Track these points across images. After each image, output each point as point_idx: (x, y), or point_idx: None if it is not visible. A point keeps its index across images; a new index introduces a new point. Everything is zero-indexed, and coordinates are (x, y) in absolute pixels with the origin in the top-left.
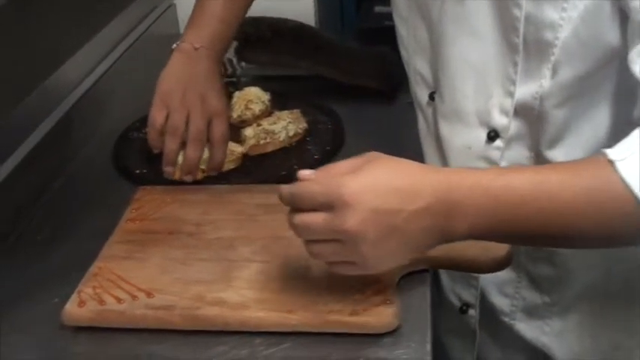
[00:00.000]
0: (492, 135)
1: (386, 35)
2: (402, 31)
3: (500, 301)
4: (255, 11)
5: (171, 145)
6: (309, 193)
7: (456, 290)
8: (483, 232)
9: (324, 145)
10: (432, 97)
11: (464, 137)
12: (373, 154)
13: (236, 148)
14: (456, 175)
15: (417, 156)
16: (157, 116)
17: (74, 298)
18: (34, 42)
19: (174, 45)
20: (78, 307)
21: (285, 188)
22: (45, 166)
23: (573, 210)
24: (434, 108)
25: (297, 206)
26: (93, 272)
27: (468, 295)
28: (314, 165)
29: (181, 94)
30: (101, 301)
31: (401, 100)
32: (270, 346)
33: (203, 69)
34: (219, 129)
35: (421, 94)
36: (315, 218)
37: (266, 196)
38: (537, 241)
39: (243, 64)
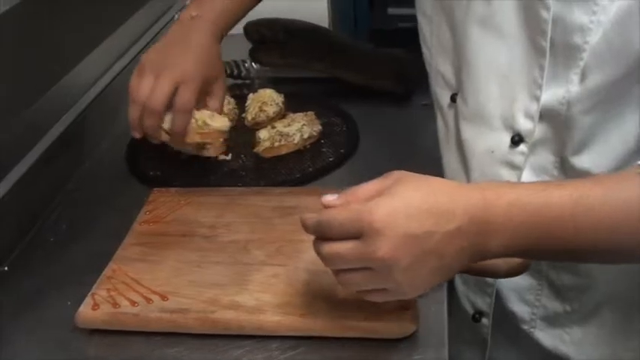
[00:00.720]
0: (516, 139)
1: (399, 37)
2: (426, 30)
3: (519, 309)
4: (268, 13)
5: (132, 112)
6: (337, 222)
7: (470, 297)
8: (519, 250)
9: (339, 148)
10: (453, 98)
11: (487, 141)
12: (399, 173)
13: (217, 137)
14: (491, 192)
15: (433, 159)
16: (132, 86)
17: (88, 300)
18: (46, 43)
19: (176, 15)
20: (92, 310)
21: (310, 218)
22: (58, 168)
23: (610, 225)
24: (455, 110)
25: (324, 235)
26: (107, 275)
27: (482, 303)
28: (329, 168)
29: (159, 62)
30: (115, 304)
31: (415, 102)
32: (286, 351)
33: (193, 37)
34: (180, 97)
35: (442, 95)
36: (346, 247)
37: (281, 199)
38: (573, 257)
39: (257, 66)
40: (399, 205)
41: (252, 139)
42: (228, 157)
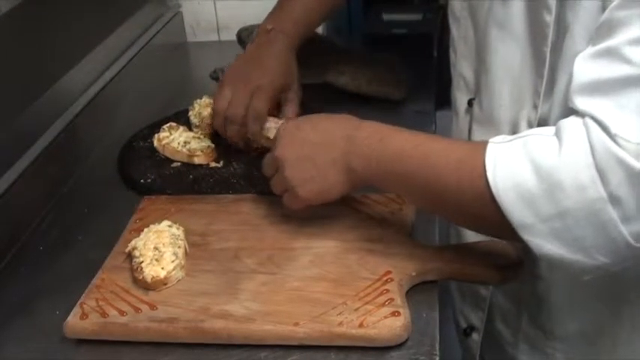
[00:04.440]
0: None
1: (393, 43)
2: (454, 32)
3: (504, 329)
4: (262, 18)
5: (216, 122)
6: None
7: (464, 311)
8: (375, 174)
9: None
10: (470, 103)
11: None
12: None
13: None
14: (365, 123)
15: None
16: (214, 99)
17: (76, 310)
18: (40, 49)
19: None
20: (80, 320)
21: None
22: (50, 175)
23: (440, 175)
24: (471, 115)
25: (270, 174)
26: (96, 284)
27: (475, 318)
28: None
29: (237, 76)
30: (104, 314)
31: (409, 109)
32: (276, 359)
33: (267, 49)
34: (252, 105)
35: (461, 99)
36: (267, 157)
37: (271, 207)
38: (411, 195)
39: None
40: (300, 121)
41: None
42: (220, 165)
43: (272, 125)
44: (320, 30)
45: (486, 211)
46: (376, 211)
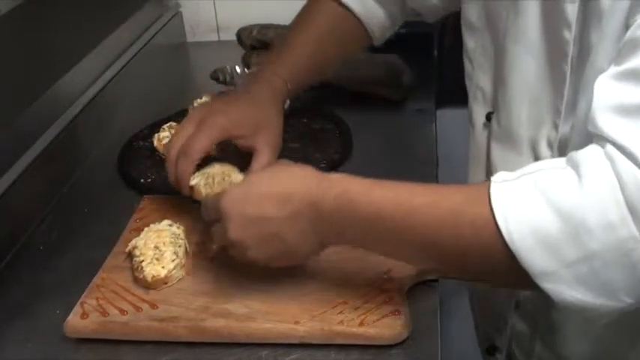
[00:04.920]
0: None
1: (393, 43)
2: (470, 42)
3: (518, 352)
4: (261, 18)
5: (169, 155)
6: (206, 208)
7: (486, 330)
8: (352, 241)
9: (332, 153)
10: (488, 117)
11: (512, 166)
12: (278, 162)
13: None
14: (326, 182)
15: (426, 165)
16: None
17: (77, 309)
18: (40, 49)
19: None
20: (81, 319)
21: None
22: (50, 175)
23: (432, 232)
24: (489, 131)
25: (207, 219)
26: (96, 283)
27: (498, 339)
28: None
29: (201, 110)
30: (104, 313)
31: (409, 108)
32: (277, 357)
33: (251, 88)
34: (189, 139)
35: (478, 112)
36: (215, 229)
37: None
38: (405, 256)
39: (249, 71)
40: (243, 191)
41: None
42: None
43: (212, 173)
44: None
45: (496, 262)
46: None
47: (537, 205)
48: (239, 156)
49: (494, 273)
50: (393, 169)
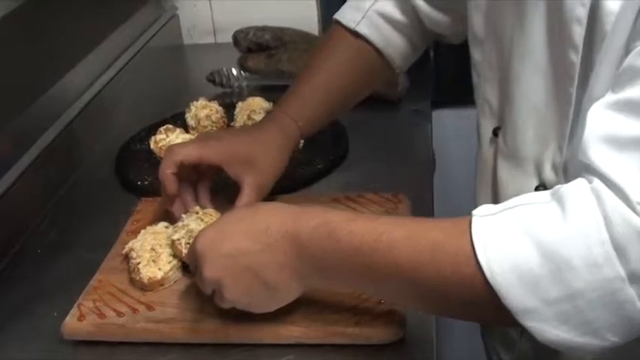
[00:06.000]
0: (540, 190)
1: None
2: (476, 54)
3: None
4: (258, 20)
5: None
6: (186, 257)
7: (496, 348)
8: (332, 277)
9: (328, 155)
10: (495, 132)
11: (518, 185)
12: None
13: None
14: (304, 215)
15: (422, 165)
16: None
17: (74, 311)
18: (37, 52)
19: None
20: (78, 321)
21: None
22: (47, 177)
23: (413, 266)
24: (496, 146)
25: (191, 270)
26: (93, 285)
27: (507, 358)
28: (318, 175)
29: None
30: (101, 315)
31: (406, 108)
32: (273, 358)
33: (258, 123)
34: (178, 146)
35: (485, 127)
36: (196, 277)
37: None
38: (381, 293)
39: (245, 74)
40: (216, 230)
41: None
42: None
43: (194, 231)
44: (316, 31)
45: (477, 299)
46: (371, 210)
47: (519, 240)
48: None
49: (476, 310)
50: (388, 170)
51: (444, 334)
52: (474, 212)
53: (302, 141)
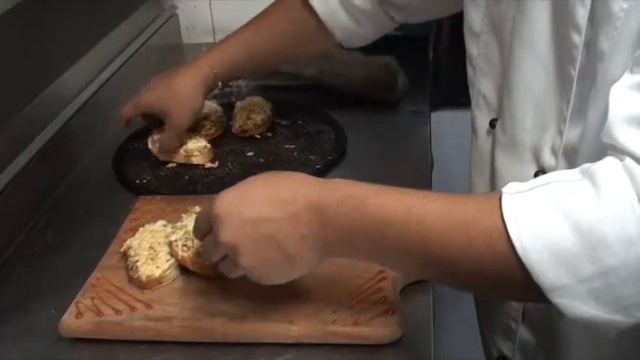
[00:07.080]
0: (540, 175)
1: (388, 44)
2: (472, 49)
3: None
4: None
5: None
6: (197, 220)
7: (496, 341)
8: (357, 249)
9: (326, 155)
10: (492, 124)
11: (516, 173)
12: (267, 172)
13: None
14: (330, 185)
15: (420, 165)
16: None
17: (72, 309)
18: (35, 51)
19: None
20: (75, 319)
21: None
22: (45, 176)
23: (444, 240)
24: (493, 137)
25: (199, 236)
26: (91, 283)
27: (506, 349)
28: (316, 175)
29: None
30: (99, 313)
31: (404, 109)
32: (271, 357)
33: (181, 69)
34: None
35: (481, 119)
36: (206, 239)
37: None
38: (406, 267)
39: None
40: (237, 194)
41: (240, 147)
42: (215, 165)
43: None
44: None
45: (508, 275)
46: None
47: (553, 218)
48: None
49: (503, 286)
50: (387, 171)
51: (442, 333)
52: (504, 190)
53: (220, 83)
